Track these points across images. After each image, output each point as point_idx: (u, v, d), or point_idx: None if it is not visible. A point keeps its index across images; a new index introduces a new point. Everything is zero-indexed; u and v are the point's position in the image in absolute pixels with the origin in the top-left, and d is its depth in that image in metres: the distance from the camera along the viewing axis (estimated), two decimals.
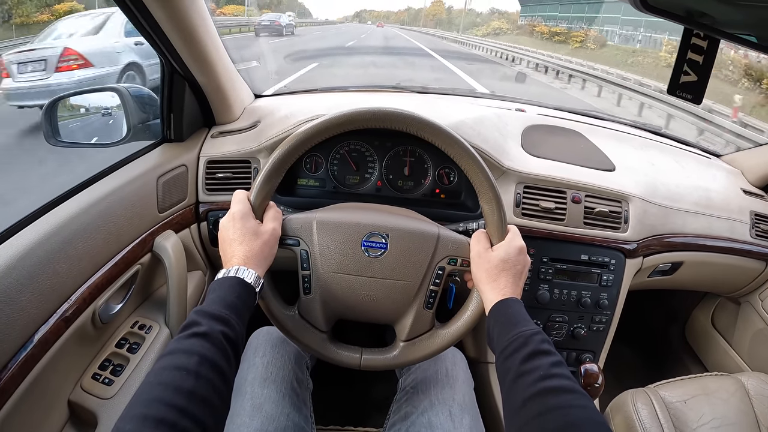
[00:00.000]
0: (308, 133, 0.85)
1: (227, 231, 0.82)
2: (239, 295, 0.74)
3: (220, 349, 0.64)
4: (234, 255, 0.79)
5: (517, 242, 0.85)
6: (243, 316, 0.73)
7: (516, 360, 0.69)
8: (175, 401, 0.56)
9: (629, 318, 1.40)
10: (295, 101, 1.41)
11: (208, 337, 0.64)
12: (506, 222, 0.87)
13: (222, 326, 0.67)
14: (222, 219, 0.84)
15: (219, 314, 0.68)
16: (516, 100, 1.74)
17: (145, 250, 1.07)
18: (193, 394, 0.58)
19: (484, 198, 0.87)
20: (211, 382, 0.61)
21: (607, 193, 1.24)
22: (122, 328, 1.07)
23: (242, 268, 0.77)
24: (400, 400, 1.03)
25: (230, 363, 0.66)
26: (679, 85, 0.79)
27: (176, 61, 1.08)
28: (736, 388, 1.26)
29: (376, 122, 0.87)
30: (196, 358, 0.61)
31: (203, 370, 0.60)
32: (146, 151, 1.16)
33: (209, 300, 0.72)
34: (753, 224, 1.42)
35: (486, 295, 0.82)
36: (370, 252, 0.87)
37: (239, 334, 0.70)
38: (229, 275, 0.76)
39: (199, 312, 0.68)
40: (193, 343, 0.63)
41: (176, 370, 0.59)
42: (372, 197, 1.22)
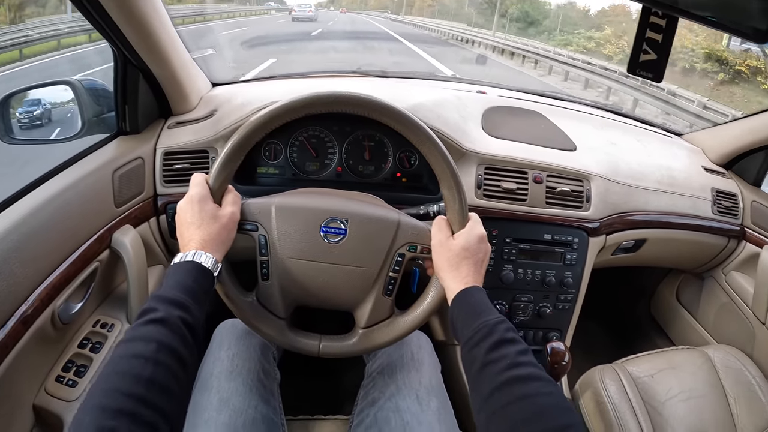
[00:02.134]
0: (266, 117, 0.84)
1: (185, 214, 0.80)
2: (196, 279, 0.72)
3: (179, 335, 0.63)
4: (191, 239, 0.78)
5: (477, 230, 0.85)
6: (201, 301, 0.71)
7: (482, 349, 0.69)
8: (133, 390, 0.55)
9: (595, 295, 1.42)
10: (252, 89, 1.39)
11: (166, 322, 0.63)
12: (467, 207, 0.87)
13: (180, 311, 0.65)
14: (180, 202, 0.82)
15: (176, 299, 0.67)
16: (477, 82, 1.73)
17: (103, 247, 1.04)
18: (152, 382, 0.56)
19: (444, 183, 0.87)
20: (171, 369, 0.59)
21: (568, 173, 1.25)
22: (84, 328, 1.04)
23: (200, 252, 0.75)
24: (367, 386, 1.02)
25: (189, 349, 0.65)
26: (639, 64, 0.79)
27: (128, 51, 1.05)
28: (702, 361, 1.29)
29: (333, 106, 0.85)
30: (153, 344, 0.60)
31: (162, 357, 0.59)
32: (101, 145, 1.13)
33: (166, 285, 0.70)
34: (714, 201, 1.45)
35: (448, 284, 0.82)
36: (329, 237, 0.86)
37: (197, 319, 0.68)
38: (186, 259, 0.74)
39: (156, 297, 0.67)
40: (150, 330, 0.62)
41: (134, 358, 0.58)
42: (332, 183, 1.21)
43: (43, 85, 1.17)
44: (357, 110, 0.85)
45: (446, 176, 0.86)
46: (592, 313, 1.47)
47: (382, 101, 0.85)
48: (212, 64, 8.16)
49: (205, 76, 1.38)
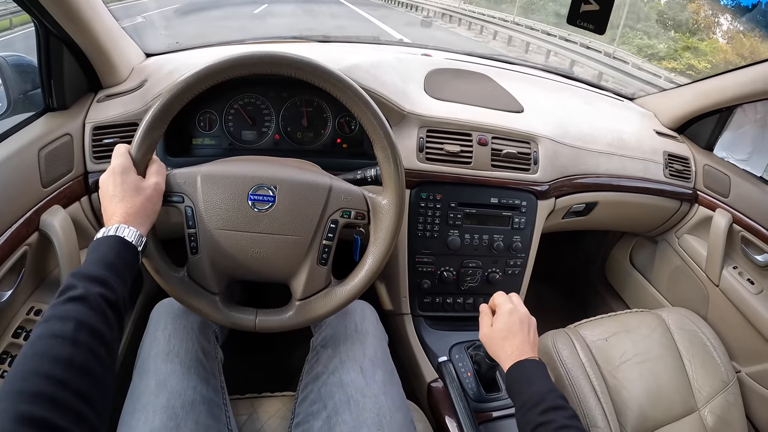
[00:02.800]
0: (189, 80, 0.80)
1: (107, 187, 0.77)
2: (119, 254, 0.69)
3: (99, 313, 0.60)
4: (114, 213, 0.74)
5: (505, 308, 0.93)
6: (124, 278, 0.68)
7: (534, 413, 0.78)
8: (51, 372, 0.52)
9: (549, 259, 1.42)
10: (186, 57, 1.34)
11: (85, 300, 0.60)
12: (402, 169, 0.85)
13: (100, 288, 0.62)
14: (102, 175, 0.78)
15: (97, 275, 0.63)
16: (423, 46, 1.70)
17: (31, 230, 0.99)
18: (71, 363, 0.53)
19: (378, 145, 0.84)
20: (91, 349, 0.56)
21: (515, 135, 1.23)
22: (18, 317, 0.99)
23: (123, 226, 0.72)
24: (311, 360, 0.99)
25: (111, 327, 0.61)
26: (580, 15, 0.77)
27: (48, 22, 0.99)
28: (657, 323, 1.29)
29: (259, 67, 0.81)
30: (72, 323, 0.57)
31: (81, 337, 0.56)
32: (26, 124, 1.07)
33: (87, 261, 0.67)
34: (666, 164, 1.46)
35: (502, 362, 0.89)
36: (258, 206, 0.83)
37: (120, 297, 0.65)
38: (108, 234, 0.71)
39: (75, 275, 0.63)
40: (68, 308, 0.59)
41: (51, 338, 0.55)
42: (270, 152, 1.16)
43: None
44: (282, 70, 0.82)
45: (378, 136, 0.83)
46: (545, 277, 1.47)
47: (308, 59, 0.81)
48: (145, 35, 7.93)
49: (138, 46, 1.32)
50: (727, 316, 1.39)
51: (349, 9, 15.27)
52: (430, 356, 1.19)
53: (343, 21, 12.44)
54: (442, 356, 1.16)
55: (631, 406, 1.10)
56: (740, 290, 1.34)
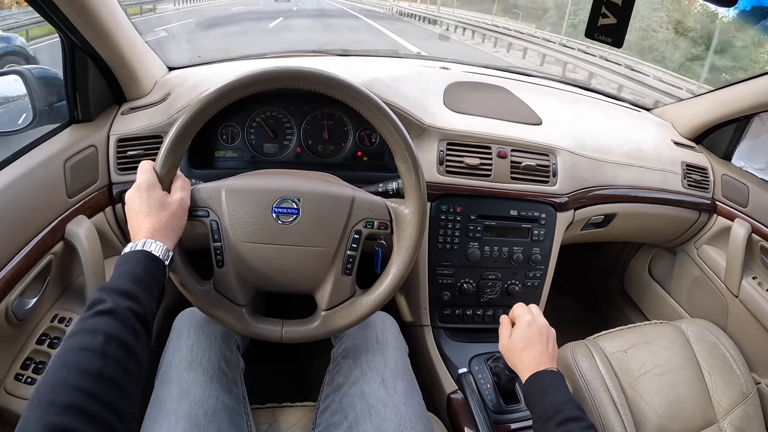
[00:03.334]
0: (211, 97, 0.81)
1: (133, 203, 0.78)
2: (146, 268, 0.70)
3: (128, 327, 0.61)
4: (141, 228, 0.75)
5: (524, 319, 0.94)
6: (152, 291, 0.69)
7: (551, 424, 0.78)
8: (81, 384, 0.53)
9: (567, 271, 1.41)
10: (208, 71, 1.36)
11: (114, 314, 0.61)
12: (423, 180, 0.86)
13: (129, 302, 0.63)
14: (128, 191, 0.80)
15: (125, 290, 0.65)
16: (441, 59, 1.70)
17: (56, 239, 1.02)
18: (100, 375, 0.55)
19: (399, 157, 0.85)
20: (120, 362, 0.58)
21: (534, 147, 1.23)
22: (42, 324, 1.01)
23: (149, 240, 0.73)
24: (332, 371, 1.00)
25: (140, 340, 0.63)
26: (598, 28, 0.77)
27: (73, 34, 1.01)
28: (676, 335, 1.28)
29: (280, 82, 0.83)
30: (101, 337, 0.58)
31: (110, 350, 0.57)
32: (52, 135, 1.09)
33: (115, 275, 0.68)
34: (685, 175, 1.45)
35: (520, 372, 0.90)
36: (282, 218, 0.84)
37: (148, 310, 0.66)
38: (135, 249, 0.72)
39: (103, 289, 0.64)
40: (98, 322, 0.60)
41: (81, 351, 0.56)
42: (292, 164, 1.18)
43: None
44: (305, 85, 0.83)
45: (399, 148, 0.84)
46: (564, 289, 1.47)
47: (329, 73, 0.83)
48: (167, 48, 8.02)
49: (161, 59, 1.34)
50: (747, 327, 1.37)
51: (367, 23, 15.38)
52: (450, 368, 1.19)
53: (361, 35, 12.55)
54: (461, 368, 1.16)
55: (650, 418, 1.10)
56: (760, 301, 1.33)
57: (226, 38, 10.53)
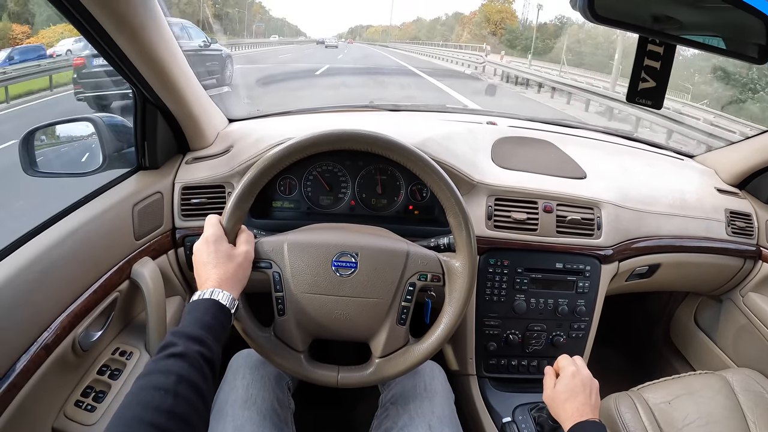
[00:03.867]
0: (275, 157, 0.88)
1: (201, 254, 0.83)
2: (214, 316, 0.75)
3: (198, 369, 0.66)
4: (209, 278, 0.80)
5: (568, 371, 0.95)
6: (219, 337, 0.74)
7: None
8: (154, 420, 0.57)
9: (612, 321, 1.41)
10: (267, 124, 1.42)
11: (186, 357, 0.65)
12: (474, 234, 0.90)
13: (198, 346, 0.68)
14: (196, 243, 0.85)
15: (195, 335, 0.69)
16: (488, 113, 1.74)
17: (122, 278, 1.08)
18: (172, 413, 0.59)
19: (450, 212, 0.90)
20: (190, 401, 0.62)
21: (578, 201, 1.25)
22: (103, 355, 1.07)
23: (217, 290, 0.78)
24: (380, 416, 1.03)
25: (208, 382, 0.67)
26: (638, 92, 0.80)
27: (147, 91, 1.09)
28: (721, 385, 1.26)
29: (340, 144, 0.89)
30: (173, 377, 0.62)
31: (181, 390, 0.61)
32: (121, 180, 1.16)
33: (185, 321, 0.73)
34: (728, 222, 1.44)
35: (563, 424, 0.90)
36: (341, 271, 0.89)
37: (216, 355, 0.71)
38: (204, 297, 0.77)
39: (175, 333, 0.69)
40: (170, 363, 0.64)
41: (155, 390, 0.60)
42: (346, 217, 1.23)
43: (66, 121, 1.21)
44: (363, 147, 0.90)
45: (451, 204, 0.89)
46: (608, 339, 1.46)
47: (386, 137, 0.89)
48: (228, 101, 8.33)
49: (222, 112, 1.42)
50: None
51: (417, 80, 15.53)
52: (494, 417, 1.20)
53: (412, 92, 12.74)
54: (506, 417, 1.17)
55: None
56: None
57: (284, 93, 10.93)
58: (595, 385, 0.94)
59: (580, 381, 0.93)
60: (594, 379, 0.95)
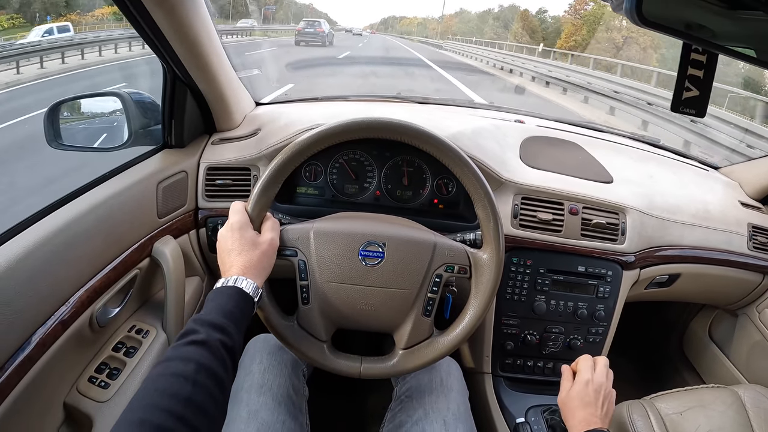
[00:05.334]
0: (304, 143, 0.87)
1: (225, 241, 0.83)
2: (237, 304, 0.74)
3: (218, 358, 0.65)
4: (233, 265, 0.80)
5: (583, 377, 0.95)
6: (241, 326, 0.73)
7: None
8: (172, 408, 0.56)
9: (626, 329, 1.40)
10: (295, 110, 1.42)
11: (206, 345, 0.65)
12: (502, 228, 0.90)
13: (220, 335, 0.67)
14: (220, 230, 0.85)
15: (217, 323, 0.69)
16: (515, 111, 1.74)
17: (143, 255, 1.08)
18: (190, 401, 0.58)
19: (479, 204, 0.89)
20: (208, 390, 0.61)
21: (604, 205, 1.25)
22: (119, 332, 1.07)
23: (241, 278, 0.77)
24: (394, 408, 1.03)
25: (227, 371, 0.66)
26: (682, 101, 0.79)
27: (178, 69, 1.09)
28: (732, 400, 1.26)
29: (371, 132, 0.89)
30: (193, 365, 0.62)
31: (200, 378, 0.61)
32: (147, 157, 1.17)
33: (208, 308, 0.72)
34: (750, 236, 1.42)
35: (571, 430, 0.91)
36: (368, 261, 0.88)
37: (237, 343, 0.70)
38: (227, 285, 0.76)
39: (197, 320, 0.69)
40: (190, 351, 0.64)
41: (173, 377, 0.60)
42: (370, 206, 1.23)
43: (93, 95, 1.22)
44: (395, 136, 0.89)
45: (480, 196, 0.89)
46: (622, 347, 1.45)
47: (419, 127, 0.88)
48: (256, 83, 8.37)
49: (250, 95, 1.41)
50: None
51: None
52: (507, 416, 1.20)
53: (439, 84, 12.65)
54: (519, 417, 1.17)
55: None
56: None
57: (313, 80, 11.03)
58: (609, 394, 0.94)
59: (593, 390, 0.92)
60: (612, 388, 0.95)
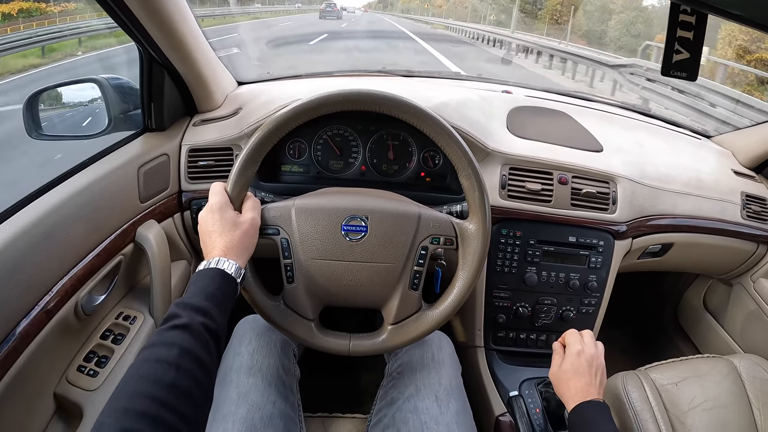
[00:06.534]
0: (281, 119, 0.85)
1: (206, 223, 0.82)
2: (219, 286, 0.73)
3: (201, 341, 0.64)
4: (214, 247, 0.79)
5: (573, 349, 0.95)
6: (224, 308, 0.72)
7: None
8: (156, 394, 0.55)
9: (620, 300, 1.39)
10: (277, 87, 1.40)
11: (189, 329, 0.64)
12: (488, 196, 0.88)
13: (203, 318, 0.66)
14: (201, 212, 0.83)
15: (199, 306, 0.68)
16: (503, 82, 1.71)
17: (127, 241, 1.06)
18: (174, 386, 0.57)
19: (463, 174, 0.87)
20: (193, 375, 0.60)
21: (594, 174, 1.23)
22: (107, 320, 1.06)
23: (222, 259, 0.76)
24: (386, 386, 1.02)
25: (212, 355, 0.66)
26: (673, 65, 0.77)
27: (154, 50, 1.06)
28: (728, 370, 1.25)
29: (350, 104, 0.86)
30: (176, 350, 0.61)
31: (184, 363, 0.60)
32: (127, 141, 1.15)
33: (190, 292, 0.71)
34: (744, 205, 1.41)
35: (567, 403, 0.91)
36: (351, 236, 0.87)
37: (220, 326, 0.69)
38: (209, 267, 0.75)
39: (179, 304, 0.68)
40: (173, 335, 0.63)
41: (157, 363, 0.59)
42: (356, 182, 1.21)
43: (71, 82, 1.20)
44: (375, 107, 0.86)
45: (463, 165, 0.87)
46: (616, 318, 1.45)
47: (400, 97, 0.86)
48: (238, 63, 8.29)
49: (231, 74, 1.39)
50: None
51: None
52: (501, 390, 1.19)
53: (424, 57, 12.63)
54: (512, 390, 1.17)
55: None
56: None
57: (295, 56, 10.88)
58: (601, 364, 0.93)
59: (585, 360, 0.92)
60: (601, 357, 0.94)
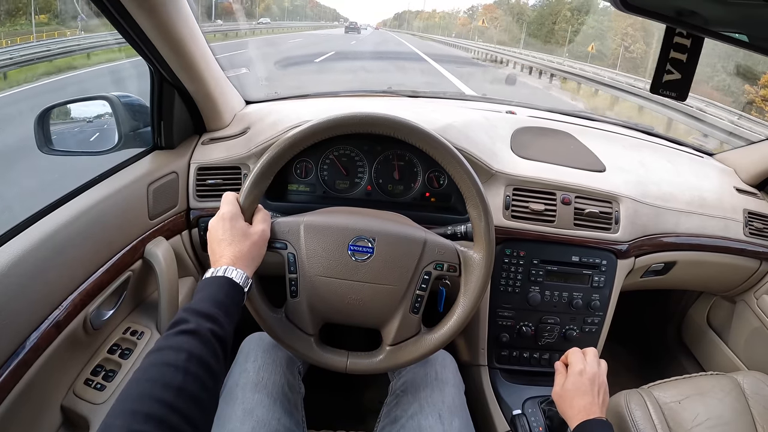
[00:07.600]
0: (295, 137, 0.87)
1: (216, 231, 0.83)
2: (227, 293, 0.74)
3: (209, 347, 0.65)
4: (223, 255, 0.80)
5: (576, 368, 0.94)
6: (231, 315, 0.73)
7: None
8: (163, 397, 0.56)
9: (624, 318, 1.40)
10: (284, 107, 1.41)
11: (197, 334, 0.65)
12: (493, 226, 0.89)
13: (210, 324, 0.67)
14: (211, 220, 0.85)
15: (207, 312, 0.69)
16: (507, 102, 1.73)
17: (135, 257, 1.08)
18: (181, 390, 0.58)
19: (471, 203, 0.89)
20: (200, 379, 0.61)
21: (597, 194, 1.24)
22: (114, 334, 1.07)
23: (231, 267, 0.77)
24: (390, 403, 1.03)
25: (219, 360, 0.66)
26: (662, 84, 0.79)
27: (165, 70, 1.08)
28: (731, 387, 1.25)
29: (361, 127, 0.88)
30: (184, 354, 0.61)
31: (191, 367, 0.61)
32: (137, 159, 1.16)
33: (198, 298, 0.72)
34: (746, 222, 1.42)
35: (570, 422, 0.90)
36: (357, 256, 0.88)
37: (228, 332, 0.70)
38: (217, 274, 0.76)
39: (187, 310, 0.69)
40: (181, 340, 0.64)
41: (165, 367, 0.60)
42: (362, 201, 1.22)
43: (82, 99, 1.21)
44: (384, 131, 0.88)
45: (472, 195, 0.88)
46: (620, 336, 1.45)
47: (409, 122, 0.87)
48: (246, 81, 8.39)
49: (239, 94, 1.41)
50: None
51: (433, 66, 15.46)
52: (504, 408, 1.20)
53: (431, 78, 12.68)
54: (515, 409, 1.17)
55: None
56: None
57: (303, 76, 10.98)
58: (603, 383, 0.93)
59: (587, 379, 0.92)
60: (603, 376, 0.94)
